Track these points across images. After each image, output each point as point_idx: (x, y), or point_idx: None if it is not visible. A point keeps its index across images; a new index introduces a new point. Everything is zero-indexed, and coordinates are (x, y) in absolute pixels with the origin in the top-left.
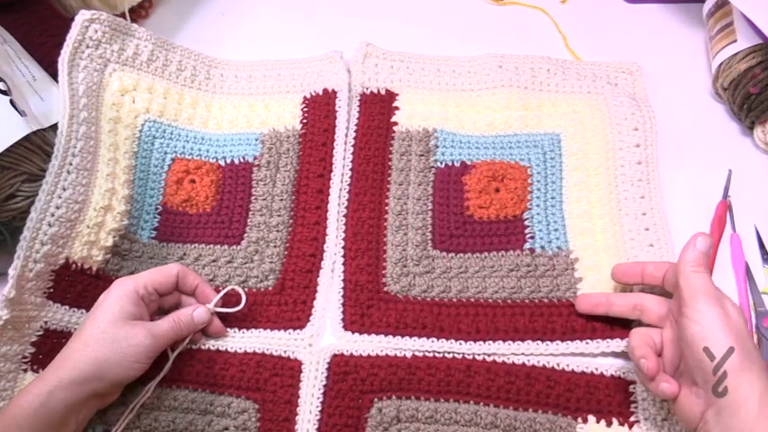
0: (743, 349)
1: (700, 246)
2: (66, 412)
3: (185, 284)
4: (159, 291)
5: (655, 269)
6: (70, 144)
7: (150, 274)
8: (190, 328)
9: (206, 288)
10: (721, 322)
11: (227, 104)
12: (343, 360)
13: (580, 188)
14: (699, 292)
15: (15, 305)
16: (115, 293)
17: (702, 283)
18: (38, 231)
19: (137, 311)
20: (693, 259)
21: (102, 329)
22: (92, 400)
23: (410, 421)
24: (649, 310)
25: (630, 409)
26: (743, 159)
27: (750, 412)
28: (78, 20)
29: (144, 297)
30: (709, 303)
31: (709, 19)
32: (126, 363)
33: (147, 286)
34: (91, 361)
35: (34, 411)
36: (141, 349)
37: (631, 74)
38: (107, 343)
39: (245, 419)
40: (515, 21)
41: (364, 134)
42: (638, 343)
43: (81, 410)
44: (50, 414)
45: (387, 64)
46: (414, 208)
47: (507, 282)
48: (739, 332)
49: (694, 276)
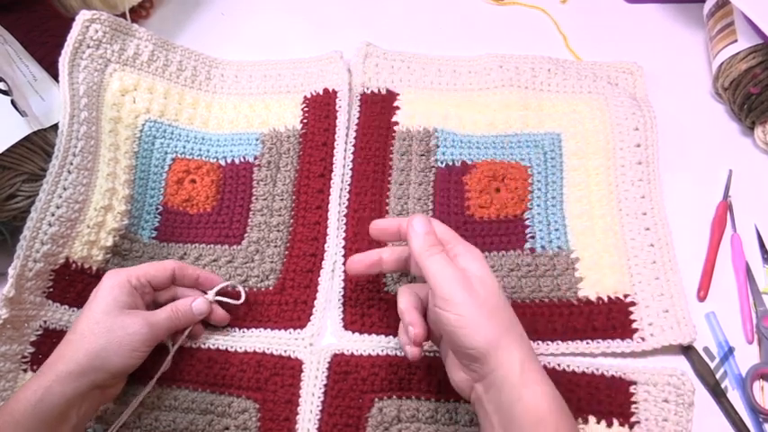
0: (499, 324)
1: (419, 229)
2: (66, 406)
3: (185, 278)
4: (153, 284)
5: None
6: (71, 144)
7: (143, 267)
8: (188, 318)
9: (209, 275)
10: (473, 309)
11: (228, 104)
12: (343, 360)
13: (580, 188)
14: (440, 279)
15: (15, 304)
16: (107, 284)
17: (439, 267)
18: (38, 231)
19: (131, 301)
20: (421, 245)
21: (96, 320)
22: (93, 393)
23: (411, 421)
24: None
25: (631, 410)
26: (743, 159)
27: (514, 384)
28: (79, 20)
29: (137, 288)
30: (455, 288)
31: (710, 19)
32: (123, 352)
33: (139, 278)
34: (87, 352)
35: (32, 407)
36: (138, 338)
37: (632, 74)
38: (103, 333)
39: (246, 419)
40: (516, 21)
41: (365, 134)
42: (407, 307)
43: (82, 404)
44: (49, 409)
45: (387, 64)
46: (414, 208)
47: (508, 282)
48: (492, 307)
49: (429, 261)
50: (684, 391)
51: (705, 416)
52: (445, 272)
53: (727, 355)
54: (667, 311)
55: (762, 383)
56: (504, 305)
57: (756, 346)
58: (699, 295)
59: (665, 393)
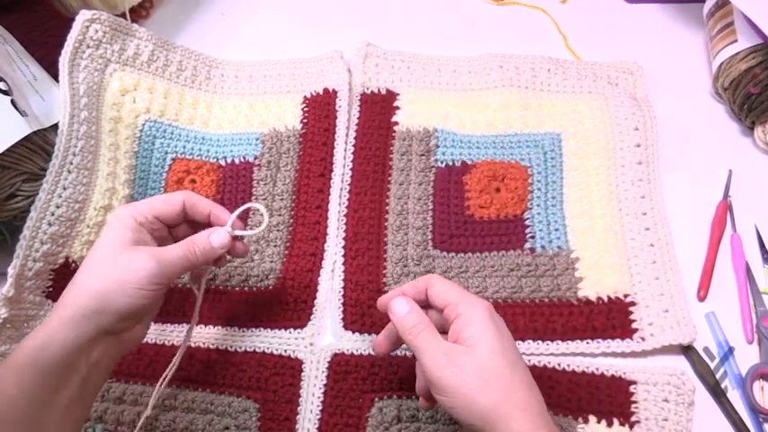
0: (493, 395)
1: (398, 312)
2: (72, 354)
3: (196, 213)
4: (162, 220)
5: (413, 290)
6: (71, 143)
7: (150, 201)
8: (207, 253)
9: (221, 212)
10: (461, 387)
11: (228, 104)
12: (343, 359)
13: (581, 188)
14: (425, 360)
15: (14, 304)
16: (111, 222)
17: (424, 348)
18: (38, 230)
19: (137, 237)
20: (403, 328)
21: (99, 258)
22: (104, 340)
23: (411, 421)
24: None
25: (631, 410)
26: (743, 159)
27: None
28: (79, 20)
29: (143, 224)
30: (441, 369)
31: (710, 19)
32: (127, 290)
33: (145, 214)
34: (89, 293)
35: (35, 354)
36: (143, 274)
37: (632, 74)
38: (105, 272)
39: (246, 418)
40: (516, 21)
41: (365, 134)
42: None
43: (91, 352)
44: (51, 356)
45: (387, 64)
46: (414, 207)
47: (508, 281)
48: (486, 376)
49: (414, 343)
50: (684, 390)
51: (705, 416)
52: (428, 353)
53: (727, 355)
54: (667, 311)
55: (762, 383)
56: (505, 366)
57: (756, 346)
58: (699, 295)
59: (665, 393)
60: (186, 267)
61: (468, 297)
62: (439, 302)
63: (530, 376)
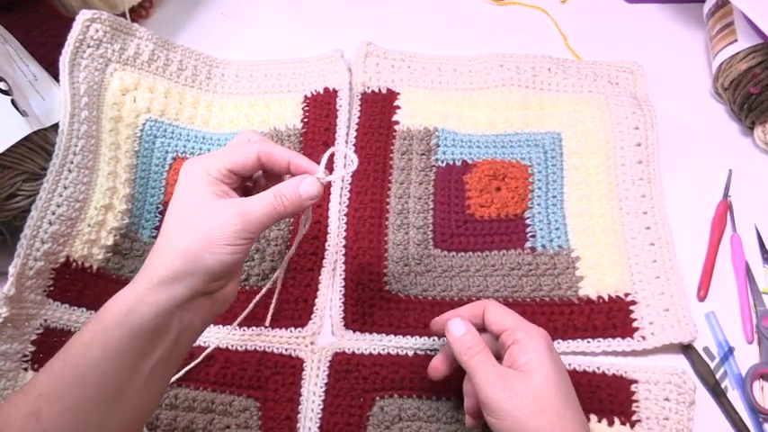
0: (544, 422)
1: (455, 333)
2: (162, 317)
3: (273, 163)
4: (237, 173)
5: (469, 313)
6: (71, 142)
7: (222, 153)
8: (295, 204)
9: (302, 160)
10: (513, 412)
11: (229, 104)
12: (344, 358)
13: (581, 187)
14: (479, 382)
15: (15, 303)
16: (183, 179)
17: (478, 371)
18: (38, 229)
19: (217, 190)
20: (459, 350)
21: (181, 216)
22: (198, 301)
23: (412, 420)
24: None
25: (632, 409)
26: (743, 159)
27: None
28: (79, 19)
29: (218, 179)
30: (494, 392)
31: (710, 19)
32: (215, 248)
33: (219, 168)
34: (176, 255)
35: (124, 316)
36: (229, 229)
37: (632, 73)
38: (189, 231)
39: (247, 417)
40: (516, 21)
41: (365, 133)
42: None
43: (185, 315)
44: (141, 319)
45: (388, 63)
46: (415, 207)
47: (508, 281)
48: (539, 404)
49: (469, 365)
50: (685, 389)
51: (705, 416)
52: (483, 376)
53: (727, 354)
54: (668, 310)
55: (762, 383)
56: (558, 396)
57: (756, 346)
58: (699, 295)
59: (666, 392)
60: (274, 219)
61: (527, 325)
62: (496, 327)
63: (581, 411)
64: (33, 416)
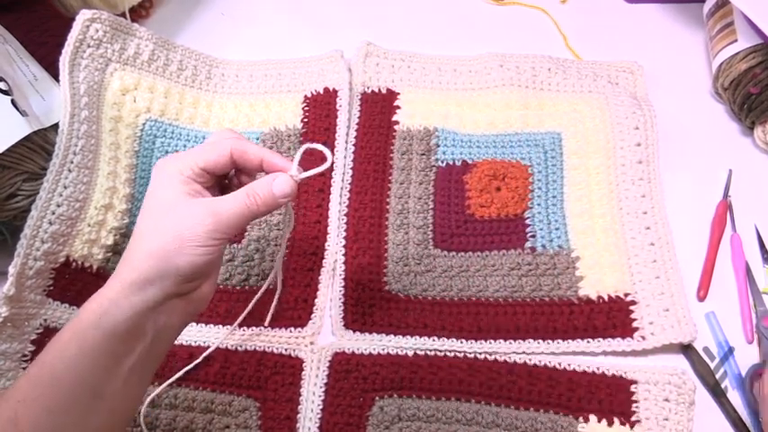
0: None
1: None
2: (136, 320)
3: (246, 162)
4: (210, 171)
5: None
6: (71, 142)
7: (195, 153)
8: (269, 203)
9: (275, 158)
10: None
11: (229, 104)
12: (344, 358)
13: (581, 187)
14: None
15: (15, 302)
16: (156, 178)
17: None
18: (38, 229)
19: (189, 189)
20: None
21: (152, 217)
22: (172, 303)
23: (411, 420)
24: None
25: (632, 409)
26: (743, 159)
27: None
28: (79, 19)
29: (191, 178)
30: None
31: (710, 19)
32: (186, 249)
33: (192, 167)
34: (147, 256)
35: (98, 319)
36: (200, 229)
37: (632, 73)
38: (159, 232)
39: (247, 417)
40: (516, 21)
41: (365, 133)
42: None
43: (159, 317)
44: (115, 322)
45: (388, 63)
46: (415, 207)
47: (508, 280)
48: None
49: None
50: (685, 390)
51: (705, 416)
52: None
53: (727, 354)
54: (668, 310)
55: None
56: None
57: (756, 346)
58: (699, 295)
59: (665, 392)
60: (247, 218)
61: None
62: None
63: None
64: (12, 421)
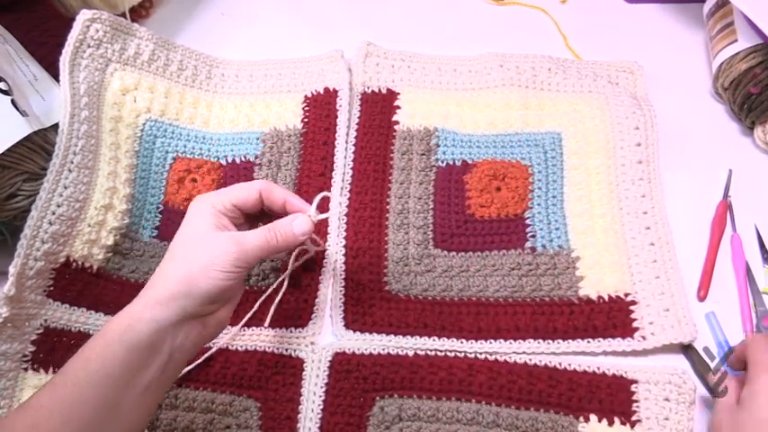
0: None
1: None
2: (157, 335)
3: (271, 201)
4: (241, 208)
5: None
6: (71, 142)
7: (228, 191)
8: (289, 240)
9: (295, 200)
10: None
11: (229, 104)
12: (345, 358)
13: (581, 187)
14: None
15: (15, 303)
16: (192, 211)
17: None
18: (38, 229)
19: (218, 223)
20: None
21: (183, 244)
22: (189, 324)
23: (412, 420)
24: None
25: (632, 409)
26: (743, 159)
27: None
28: (79, 19)
29: (222, 212)
30: None
31: (710, 19)
32: (210, 273)
33: (224, 202)
34: (176, 277)
35: (123, 332)
36: (225, 258)
37: (632, 73)
38: (190, 257)
39: (247, 417)
40: (516, 21)
41: (365, 133)
42: None
43: (177, 334)
44: (138, 337)
45: (388, 63)
46: (415, 207)
47: (509, 280)
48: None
49: None
50: (685, 389)
51: (705, 416)
52: None
53: (727, 354)
54: (668, 310)
55: None
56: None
57: None
58: (699, 295)
59: (666, 392)
60: (267, 252)
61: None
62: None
63: None
64: (33, 428)
